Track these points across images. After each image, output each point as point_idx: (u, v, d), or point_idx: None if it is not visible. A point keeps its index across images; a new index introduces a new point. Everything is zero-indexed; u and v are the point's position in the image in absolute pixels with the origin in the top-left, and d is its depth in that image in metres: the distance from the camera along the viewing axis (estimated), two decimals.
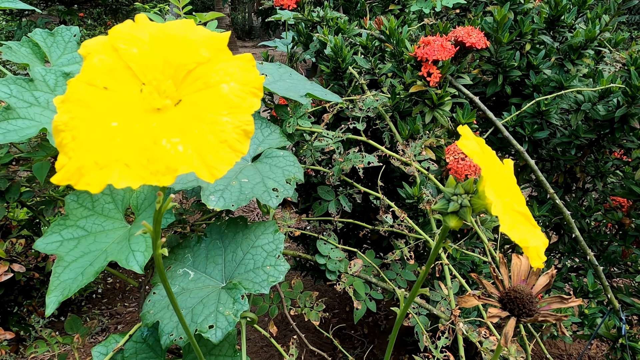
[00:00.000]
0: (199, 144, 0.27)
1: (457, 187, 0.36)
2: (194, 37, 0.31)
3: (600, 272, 1.00)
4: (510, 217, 0.32)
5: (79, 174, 0.27)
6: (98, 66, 0.30)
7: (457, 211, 0.35)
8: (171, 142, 0.27)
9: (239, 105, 0.29)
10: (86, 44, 0.31)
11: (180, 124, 0.28)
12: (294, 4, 1.07)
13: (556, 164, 1.21)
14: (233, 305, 0.62)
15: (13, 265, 0.84)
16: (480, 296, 0.45)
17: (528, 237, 0.32)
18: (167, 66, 0.30)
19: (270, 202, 0.66)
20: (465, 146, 0.33)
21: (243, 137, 0.28)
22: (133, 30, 0.31)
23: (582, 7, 1.13)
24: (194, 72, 0.30)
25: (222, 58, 0.30)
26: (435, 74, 0.94)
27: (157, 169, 0.26)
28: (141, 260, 0.60)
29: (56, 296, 0.61)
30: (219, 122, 0.28)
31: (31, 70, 0.72)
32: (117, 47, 0.30)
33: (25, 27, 3.08)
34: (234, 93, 0.29)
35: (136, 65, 0.30)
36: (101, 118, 0.28)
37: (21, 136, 0.64)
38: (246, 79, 0.30)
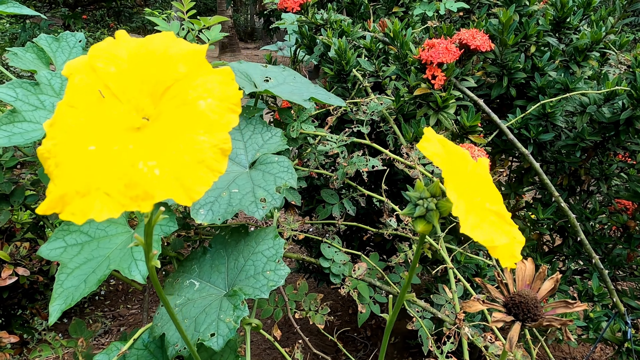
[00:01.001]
0: (175, 166, 0.26)
1: (424, 191, 0.36)
2: (172, 52, 0.30)
3: (605, 275, 1.00)
4: (476, 217, 0.31)
5: (63, 203, 0.26)
6: (78, 86, 0.29)
7: (424, 215, 0.35)
8: (148, 165, 0.26)
9: (217, 122, 0.28)
10: (69, 64, 0.31)
11: (157, 144, 0.27)
12: (297, 6, 1.07)
13: (560, 166, 1.21)
14: (233, 312, 0.61)
15: (17, 269, 0.84)
16: (485, 301, 0.45)
17: (494, 237, 0.31)
18: (145, 83, 0.30)
19: (256, 213, 0.65)
20: (425, 148, 0.33)
21: (220, 156, 0.27)
22: (111, 48, 0.31)
23: (587, 9, 1.12)
24: (172, 89, 0.29)
25: (200, 73, 0.30)
26: (440, 76, 0.94)
27: (136, 194, 0.26)
28: (144, 270, 0.60)
29: (59, 304, 0.61)
30: (195, 142, 0.27)
31: (37, 74, 0.72)
32: (95, 66, 0.30)
33: (29, 30, 3.09)
34: (212, 110, 0.28)
35: (114, 84, 0.29)
36: (80, 142, 0.27)
37: (26, 139, 0.64)
38: (224, 94, 0.29)
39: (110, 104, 0.29)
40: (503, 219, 0.34)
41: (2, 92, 0.68)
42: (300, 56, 1.33)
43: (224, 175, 0.73)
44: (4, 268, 0.83)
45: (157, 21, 0.85)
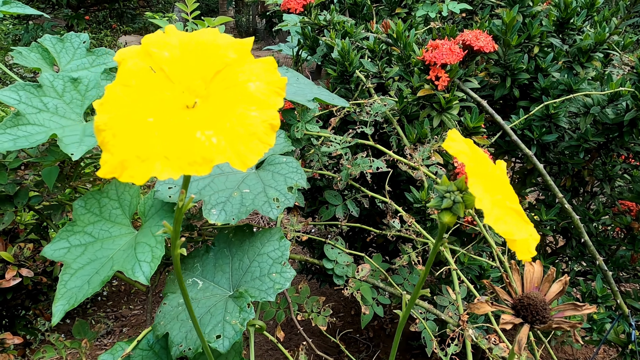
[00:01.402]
0: (230, 136, 0.29)
1: (450, 185, 0.38)
2: (221, 41, 0.34)
3: (609, 276, 1.00)
4: (499, 210, 0.33)
5: (122, 167, 0.29)
6: (132, 69, 0.32)
7: (451, 207, 0.37)
8: (205, 134, 0.29)
9: (266, 102, 0.31)
10: (121, 52, 0.33)
11: (212, 118, 0.30)
12: (301, 7, 1.07)
13: (564, 167, 1.21)
14: (240, 314, 0.61)
15: (21, 270, 0.84)
16: (494, 303, 0.44)
17: (514, 230, 0.33)
18: (196, 67, 0.33)
19: (270, 213, 0.66)
20: (451, 147, 0.35)
21: (270, 130, 0.30)
22: (164, 37, 0.34)
23: (591, 9, 1.12)
24: (222, 73, 0.32)
25: (247, 60, 0.33)
26: (444, 77, 0.94)
27: (194, 160, 0.28)
28: (147, 271, 0.60)
29: (62, 305, 0.61)
30: (248, 117, 0.30)
31: (40, 76, 0.72)
32: (149, 51, 0.33)
33: (32, 31, 3.10)
34: (260, 91, 0.31)
35: (168, 66, 0.32)
36: (138, 115, 0.30)
37: (31, 142, 0.64)
38: (270, 79, 0.32)
39: (165, 84, 0.32)
40: (521, 216, 0.35)
41: (5, 95, 0.68)
42: (302, 57, 1.33)
43: (233, 175, 0.73)
44: (7, 269, 0.83)
45: (160, 23, 0.85)
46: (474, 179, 0.33)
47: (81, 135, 0.67)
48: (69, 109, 0.73)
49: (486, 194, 0.33)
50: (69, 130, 0.68)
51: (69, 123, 0.71)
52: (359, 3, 1.27)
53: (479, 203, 0.32)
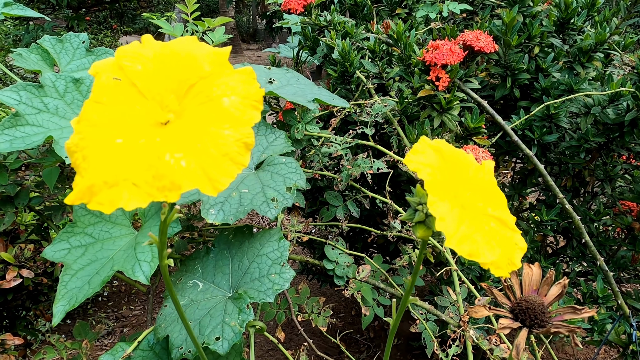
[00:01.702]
0: (201, 158, 0.27)
1: (423, 196, 0.35)
2: (196, 52, 0.32)
3: (610, 277, 0.99)
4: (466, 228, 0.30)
5: (91, 193, 0.27)
6: (104, 84, 0.31)
7: (424, 221, 0.34)
8: (174, 157, 0.27)
9: (240, 118, 0.29)
10: (95, 64, 0.32)
11: (183, 138, 0.28)
12: (301, 8, 1.07)
13: (564, 167, 1.21)
14: (239, 316, 0.61)
15: (22, 271, 0.84)
16: (492, 307, 0.44)
17: (481, 250, 0.30)
18: (170, 81, 0.31)
19: (268, 213, 0.65)
20: (411, 162, 0.32)
21: (244, 150, 0.28)
22: (138, 49, 0.32)
23: (591, 9, 1.12)
24: (196, 86, 0.31)
25: (223, 72, 0.31)
26: (444, 78, 0.94)
27: (163, 185, 0.27)
28: (147, 271, 0.60)
29: (63, 305, 0.61)
30: (220, 136, 0.28)
31: (41, 76, 0.72)
32: (122, 65, 0.31)
33: (32, 32, 3.10)
34: (235, 106, 0.29)
35: (140, 81, 0.31)
36: (107, 136, 0.29)
37: (27, 144, 0.64)
38: (247, 92, 0.30)
39: (137, 100, 0.30)
40: (505, 224, 0.33)
41: (5, 96, 0.68)
42: (303, 57, 1.33)
43: None
44: (8, 270, 0.83)
45: (161, 23, 0.85)
46: (434, 197, 0.30)
47: None
48: (69, 109, 0.73)
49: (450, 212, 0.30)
50: (68, 131, 0.68)
51: (68, 124, 0.71)
52: (359, 3, 1.27)
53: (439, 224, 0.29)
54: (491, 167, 0.36)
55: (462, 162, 0.34)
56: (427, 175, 0.31)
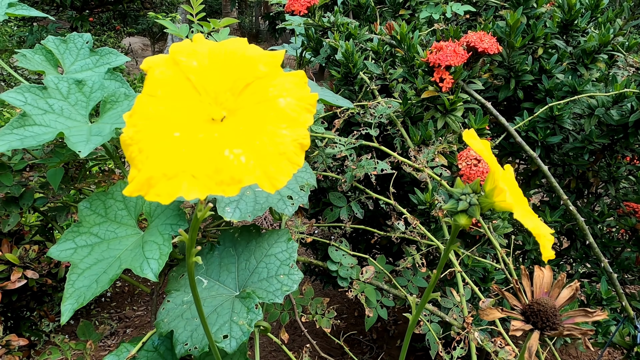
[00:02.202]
0: (260, 156, 0.28)
1: (466, 187, 0.38)
2: (251, 53, 0.32)
3: (614, 279, 0.99)
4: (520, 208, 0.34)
5: (149, 185, 0.28)
6: (159, 78, 0.31)
7: (467, 210, 0.37)
8: (234, 152, 0.27)
9: (296, 119, 0.29)
10: (148, 60, 0.32)
11: (241, 135, 0.28)
12: (305, 9, 1.07)
13: (568, 168, 1.20)
14: (247, 315, 0.61)
15: (27, 272, 0.84)
16: (503, 309, 0.44)
17: (539, 225, 0.33)
18: (225, 79, 0.31)
19: (286, 210, 0.66)
20: (473, 144, 0.35)
21: (300, 150, 0.29)
22: (193, 45, 0.33)
23: (595, 11, 1.12)
24: (252, 86, 0.31)
25: (278, 74, 0.31)
26: (448, 79, 0.94)
27: (222, 180, 0.27)
28: (155, 268, 0.60)
29: (71, 304, 0.61)
30: (278, 135, 0.28)
31: (45, 78, 0.72)
32: (177, 60, 0.31)
33: (36, 33, 3.11)
34: (291, 108, 0.30)
35: (196, 77, 0.31)
36: (164, 129, 0.29)
37: (38, 141, 0.65)
38: (301, 94, 0.30)
39: (192, 95, 0.31)
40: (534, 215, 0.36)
41: (11, 97, 0.69)
42: (306, 58, 1.33)
43: None
44: (13, 271, 0.83)
45: (166, 23, 0.85)
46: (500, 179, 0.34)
47: (87, 135, 0.67)
48: (74, 110, 0.73)
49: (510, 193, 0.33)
50: (75, 130, 0.69)
51: (74, 124, 0.71)
52: (362, 4, 1.27)
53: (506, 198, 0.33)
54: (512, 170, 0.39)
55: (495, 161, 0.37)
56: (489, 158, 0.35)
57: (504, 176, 0.35)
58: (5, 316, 1.05)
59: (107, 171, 0.94)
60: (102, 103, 0.73)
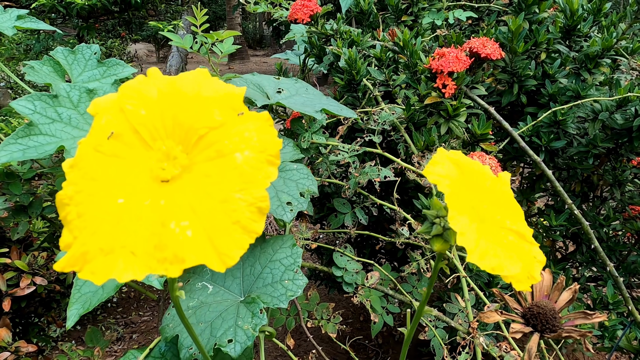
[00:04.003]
0: (209, 227, 0.24)
1: (441, 209, 0.34)
2: (206, 94, 0.29)
3: (620, 283, 0.99)
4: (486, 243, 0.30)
5: (84, 260, 0.25)
6: (105, 125, 0.28)
7: (441, 234, 0.34)
8: (180, 225, 0.24)
9: (254, 178, 0.26)
10: (95, 102, 0.29)
11: (190, 201, 0.25)
12: (308, 18, 1.08)
13: (573, 172, 1.20)
14: (252, 320, 0.62)
15: (35, 279, 0.85)
16: (503, 312, 0.45)
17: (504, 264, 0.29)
18: (177, 129, 0.28)
19: (284, 216, 0.67)
20: (431, 173, 0.31)
21: (257, 216, 0.25)
22: (142, 88, 0.29)
23: (598, 15, 1.12)
24: (207, 137, 0.27)
25: (236, 121, 0.28)
26: (451, 85, 0.94)
27: (164, 257, 0.24)
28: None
29: (77, 309, 0.62)
30: (231, 200, 0.25)
31: (54, 87, 0.73)
32: (124, 107, 0.28)
33: (43, 41, 3.15)
34: (249, 163, 0.26)
35: (144, 128, 0.28)
36: (107, 193, 0.26)
37: (40, 153, 0.66)
38: (263, 144, 0.27)
39: (140, 150, 0.28)
40: (523, 237, 0.33)
41: (21, 105, 0.70)
42: (309, 65, 1.34)
43: None
44: (22, 278, 0.84)
45: (170, 35, 0.86)
46: (454, 211, 0.29)
47: None
48: (82, 119, 0.74)
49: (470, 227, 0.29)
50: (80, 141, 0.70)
51: (81, 134, 0.72)
52: (365, 11, 1.28)
53: (460, 239, 0.29)
54: (508, 179, 0.35)
55: (479, 174, 0.34)
56: (447, 188, 0.30)
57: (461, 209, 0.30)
58: (14, 322, 1.06)
59: None
60: None
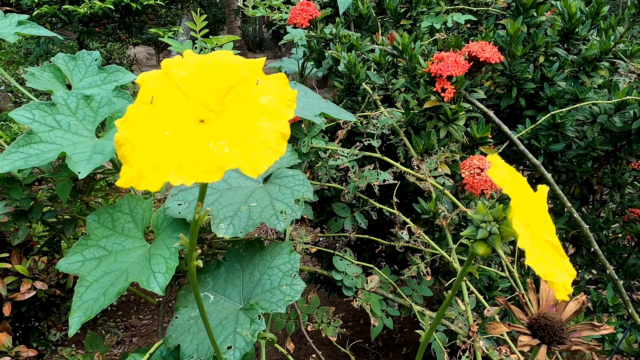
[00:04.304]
0: (242, 145, 0.30)
1: (487, 214, 0.36)
2: (235, 61, 0.36)
3: (620, 286, 0.99)
4: (539, 249, 0.32)
5: (140, 177, 0.30)
6: (151, 88, 0.34)
7: (486, 239, 0.35)
8: (218, 144, 0.30)
9: (276, 113, 0.32)
10: (142, 75, 0.36)
11: (225, 129, 0.31)
12: (307, 22, 1.09)
13: (572, 175, 1.20)
14: (250, 326, 0.62)
15: (36, 283, 0.85)
16: (510, 324, 0.44)
17: (554, 272, 0.32)
18: (211, 84, 0.34)
19: (277, 225, 0.67)
20: (496, 175, 0.34)
21: (280, 139, 0.31)
22: (182, 59, 0.36)
23: (596, 18, 1.13)
24: (235, 88, 0.34)
25: (259, 77, 0.35)
26: (450, 89, 0.95)
27: (207, 169, 0.30)
28: (162, 282, 0.61)
29: (79, 317, 0.62)
30: (259, 127, 0.31)
31: (53, 95, 0.74)
32: (168, 71, 0.35)
33: (43, 45, 3.16)
34: (271, 103, 0.33)
35: (184, 84, 0.34)
36: (155, 129, 0.32)
37: (42, 160, 0.66)
38: (281, 92, 0.34)
39: (181, 101, 0.33)
40: (557, 250, 0.34)
41: (19, 115, 0.70)
42: (308, 68, 1.35)
43: (240, 189, 0.74)
44: (22, 282, 0.85)
45: (170, 41, 0.87)
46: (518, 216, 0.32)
47: (91, 152, 0.68)
48: (81, 125, 0.74)
49: (527, 232, 0.32)
50: (80, 147, 0.70)
51: (80, 140, 0.72)
52: (364, 15, 1.28)
53: (521, 242, 0.31)
54: (545, 193, 0.37)
55: (523, 185, 0.35)
56: (512, 192, 0.33)
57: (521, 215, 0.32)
58: (14, 326, 1.06)
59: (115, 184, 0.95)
60: (109, 119, 0.74)
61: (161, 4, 3.00)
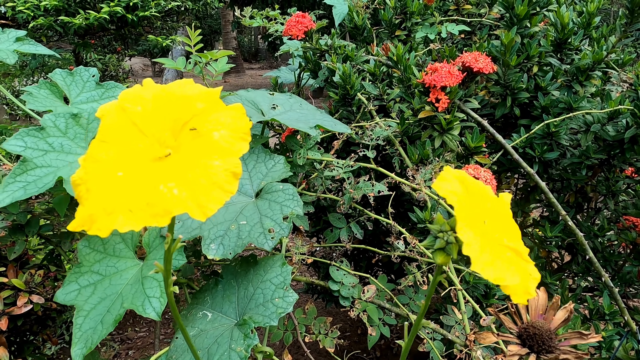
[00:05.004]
0: (192, 187, 0.30)
1: (444, 224, 0.37)
2: (190, 92, 0.35)
3: (615, 293, 0.99)
4: (489, 255, 0.32)
5: (91, 221, 0.31)
6: (108, 124, 0.34)
7: (444, 248, 0.36)
8: (167, 186, 0.30)
9: (229, 150, 0.32)
10: (101, 108, 0.36)
11: (176, 170, 0.31)
12: (302, 34, 1.10)
13: (567, 183, 1.21)
14: (244, 341, 0.62)
15: (32, 297, 0.85)
16: (500, 333, 0.45)
17: (504, 276, 0.32)
18: (166, 119, 0.34)
19: (265, 245, 0.67)
20: (440, 188, 0.34)
21: (232, 178, 0.31)
22: (139, 92, 0.35)
23: (588, 29, 1.14)
24: (190, 123, 0.34)
25: (215, 109, 0.34)
26: (444, 99, 0.95)
27: (155, 212, 0.30)
28: (157, 307, 0.61)
29: (80, 349, 0.62)
30: (210, 166, 0.31)
31: (42, 119, 0.74)
32: (124, 106, 0.34)
33: (39, 57, 3.17)
34: (224, 139, 0.32)
35: (140, 121, 0.34)
36: (109, 170, 0.32)
37: (40, 187, 0.65)
38: (236, 126, 0.33)
39: (137, 138, 0.33)
40: (520, 255, 0.35)
41: (11, 145, 0.69)
42: (304, 79, 1.36)
43: (232, 205, 0.74)
44: (19, 296, 0.84)
45: (164, 60, 0.87)
46: (462, 223, 0.32)
47: None
48: (73, 144, 0.74)
49: (475, 239, 0.32)
50: (76, 166, 0.70)
51: (75, 158, 0.72)
52: (359, 26, 1.29)
53: (466, 249, 0.32)
54: (508, 200, 0.38)
55: (481, 193, 0.36)
56: (456, 202, 0.33)
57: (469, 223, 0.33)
58: (9, 340, 1.06)
59: None
60: None
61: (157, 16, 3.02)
